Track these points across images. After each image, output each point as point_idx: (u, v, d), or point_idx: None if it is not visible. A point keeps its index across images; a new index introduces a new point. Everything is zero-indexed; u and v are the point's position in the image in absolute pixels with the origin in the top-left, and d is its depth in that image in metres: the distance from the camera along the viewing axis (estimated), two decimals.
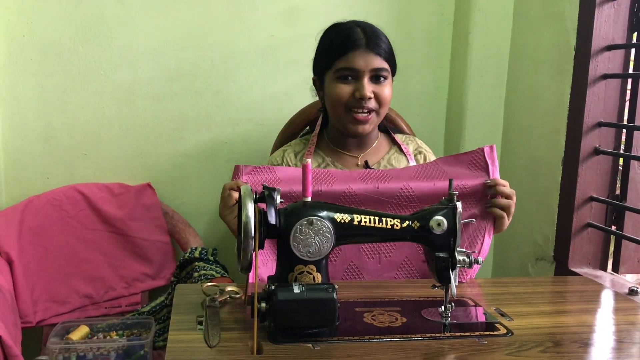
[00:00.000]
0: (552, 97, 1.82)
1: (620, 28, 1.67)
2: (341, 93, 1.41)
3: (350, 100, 1.41)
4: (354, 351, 0.98)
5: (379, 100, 1.42)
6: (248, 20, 2.02)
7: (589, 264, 1.75)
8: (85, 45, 1.93)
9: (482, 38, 2.06)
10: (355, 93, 1.40)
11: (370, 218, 1.10)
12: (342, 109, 1.42)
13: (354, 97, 1.40)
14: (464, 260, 1.11)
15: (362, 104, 1.40)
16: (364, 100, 1.39)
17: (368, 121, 1.42)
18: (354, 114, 1.41)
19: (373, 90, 1.40)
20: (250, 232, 0.98)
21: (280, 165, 1.51)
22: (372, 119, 1.43)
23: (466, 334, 1.06)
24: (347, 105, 1.41)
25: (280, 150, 1.56)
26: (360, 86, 1.40)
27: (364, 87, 1.39)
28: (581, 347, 1.03)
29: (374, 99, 1.41)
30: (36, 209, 1.88)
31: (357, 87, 1.40)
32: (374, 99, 1.41)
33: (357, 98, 1.40)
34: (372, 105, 1.41)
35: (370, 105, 1.41)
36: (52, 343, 1.58)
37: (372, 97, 1.40)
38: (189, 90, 2.02)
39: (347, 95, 1.41)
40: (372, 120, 1.43)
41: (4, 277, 1.69)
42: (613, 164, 1.72)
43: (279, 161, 1.52)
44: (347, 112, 1.42)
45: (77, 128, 1.97)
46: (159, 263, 1.98)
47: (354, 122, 1.42)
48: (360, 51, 1.40)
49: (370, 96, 1.40)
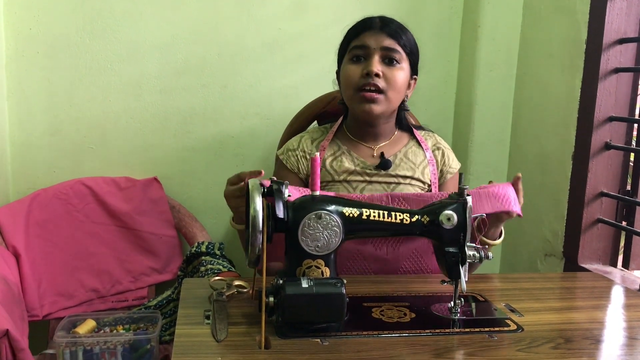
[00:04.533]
0: (562, 91, 1.81)
1: (633, 21, 1.65)
2: (351, 73, 1.40)
3: (360, 80, 1.39)
4: (362, 346, 0.97)
5: (388, 81, 1.39)
6: (256, 14, 2.01)
7: (599, 260, 1.74)
8: (93, 38, 1.93)
9: (492, 32, 2.04)
10: (363, 70, 1.39)
11: (380, 212, 1.09)
12: (352, 90, 1.41)
13: (362, 76, 1.39)
14: (474, 255, 1.10)
15: (369, 80, 1.38)
16: (370, 77, 1.37)
17: (376, 100, 1.40)
18: (362, 92, 1.39)
19: (383, 71, 1.39)
20: (258, 225, 0.97)
21: (295, 149, 1.50)
22: (381, 100, 1.40)
23: (476, 330, 1.05)
24: (356, 86, 1.40)
25: (298, 137, 1.55)
26: (368, 63, 1.39)
27: (372, 63, 1.38)
28: (593, 344, 1.02)
29: (383, 79, 1.39)
30: (43, 202, 1.88)
31: (365, 64, 1.40)
32: (383, 79, 1.39)
33: (364, 74, 1.38)
34: (381, 84, 1.39)
35: (378, 83, 1.38)
36: (59, 337, 1.58)
37: (381, 75, 1.38)
38: (196, 84, 2.01)
39: (357, 75, 1.39)
40: (381, 101, 1.40)
41: (11, 270, 1.69)
42: (624, 159, 1.71)
43: (295, 146, 1.51)
44: (357, 92, 1.41)
45: (84, 122, 1.97)
46: (165, 257, 1.97)
47: (362, 100, 1.40)
48: (373, 31, 1.41)
49: (378, 73, 1.38)
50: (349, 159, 1.47)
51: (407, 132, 1.56)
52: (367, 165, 1.46)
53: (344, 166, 1.46)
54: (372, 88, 1.38)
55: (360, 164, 1.46)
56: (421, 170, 1.49)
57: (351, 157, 1.47)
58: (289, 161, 1.49)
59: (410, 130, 1.56)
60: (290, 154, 1.50)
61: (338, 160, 1.47)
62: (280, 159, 1.52)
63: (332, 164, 1.46)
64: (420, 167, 1.49)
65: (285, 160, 1.50)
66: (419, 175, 1.48)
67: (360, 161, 1.46)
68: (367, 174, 1.46)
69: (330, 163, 1.46)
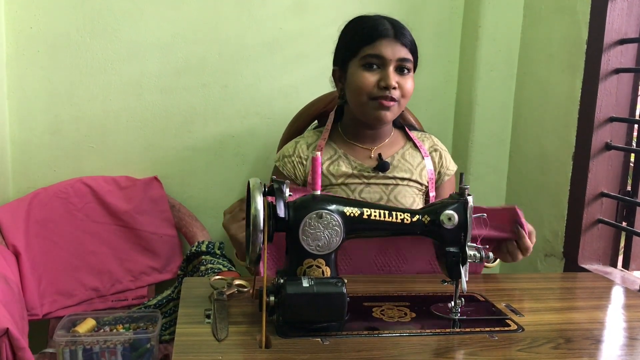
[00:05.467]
0: (562, 91, 1.81)
1: (633, 22, 1.65)
2: (366, 82, 1.39)
3: (374, 90, 1.39)
4: (362, 346, 0.97)
5: (402, 91, 1.40)
6: (256, 14, 2.01)
7: (599, 261, 1.74)
8: (93, 37, 1.93)
9: (492, 32, 2.04)
10: (380, 82, 1.38)
11: (380, 212, 1.09)
12: (366, 97, 1.40)
13: (378, 87, 1.38)
14: (475, 255, 1.10)
15: (387, 93, 1.38)
16: (388, 90, 1.37)
17: (390, 108, 1.40)
18: (380, 100, 1.38)
19: (397, 81, 1.39)
20: (259, 225, 0.97)
21: (291, 155, 1.50)
22: (394, 108, 1.41)
23: (476, 330, 1.05)
24: (370, 94, 1.39)
25: (293, 142, 1.54)
26: (386, 75, 1.38)
27: (389, 76, 1.37)
28: (593, 344, 1.02)
29: (399, 89, 1.39)
30: (43, 201, 1.88)
31: (382, 76, 1.38)
32: (398, 89, 1.39)
33: (382, 87, 1.38)
34: (396, 95, 1.39)
35: (394, 95, 1.39)
36: (59, 336, 1.58)
37: (397, 87, 1.39)
38: (196, 84, 2.01)
39: (371, 84, 1.38)
40: (394, 109, 1.41)
41: (11, 269, 1.69)
42: (624, 159, 1.71)
43: (290, 152, 1.51)
44: (371, 100, 1.40)
45: (84, 121, 1.97)
46: (165, 256, 1.97)
47: (378, 108, 1.39)
48: (388, 40, 1.39)
49: (395, 86, 1.38)
50: (346, 162, 1.47)
51: (400, 129, 1.56)
52: (364, 167, 1.46)
53: (341, 170, 1.45)
54: (387, 99, 1.39)
55: (357, 166, 1.46)
56: (419, 172, 1.49)
57: (348, 160, 1.47)
58: (285, 168, 1.49)
59: (403, 128, 1.56)
60: (287, 161, 1.50)
61: (335, 164, 1.46)
62: (276, 165, 1.52)
63: (329, 168, 1.46)
64: (418, 169, 1.49)
65: (281, 167, 1.50)
66: (417, 177, 1.48)
67: (357, 164, 1.46)
68: (365, 176, 1.45)
69: (327, 167, 1.46)
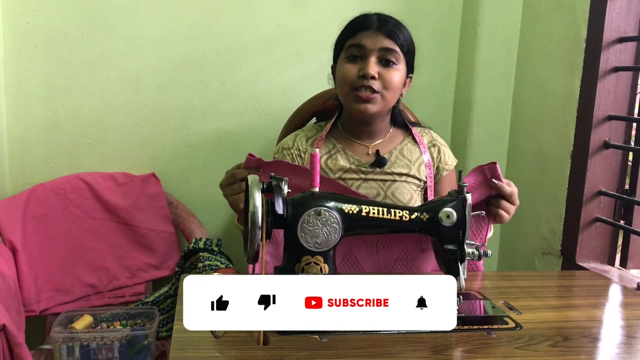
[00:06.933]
0: (561, 90, 1.81)
1: (633, 20, 1.65)
2: (347, 72, 1.39)
3: (355, 80, 1.38)
4: (361, 343, 0.97)
5: (384, 82, 1.38)
6: (255, 10, 2.00)
7: (597, 259, 1.74)
8: (91, 33, 1.92)
9: (491, 30, 2.04)
10: (359, 71, 1.38)
11: (379, 209, 1.09)
12: (348, 88, 1.39)
13: (358, 76, 1.38)
14: (473, 252, 1.10)
15: (365, 82, 1.37)
16: (366, 79, 1.36)
17: (371, 100, 1.39)
18: (357, 92, 1.38)
19: (379, 72, 1.38)
20: (257, 222, 0.97)
21: (290, 148, 1.50)
22: (377, 100, 1.39)
23: (475, 328, 1.05)
24: (352, 85, 1.39)
25: (293, 135, 1.54)
26: (365, 64, 1.37)
27: (368, 65, 1.37)
28: (591, 342, 1.02)
29: (380, 80, 1.39)
30: (40, 197, 1.87)
31: (362, 65, 1.38)
32: (380, 81, 1.38)
33: (360, 76, 1.37)
34: (376, 86, 1.38)
35: (374, 85, 1.37)
36: (56, 332, 1.58)
37: (377, 77, 1.37)
38: (194, 80, 2.01)
39: (352, 74, 1.38)
40: (377, 101, 1.39)
41: (8, 265, 1.68)
42: (623, 158, 1.71)
43: (290, 145, 1.51)
44: (352, 92, 1.40)
45: (81, 116, 1.96)
46: (163, 253, 1.97)
47: (357, 100, 1.39)
48: (370, 31, 1.39)
49: (374, 75, 1.36)
50: (344, 157, 1.46)
51: (403, 128, 1.56)
52: (362, 163, 1.46)
53: (339, 164, 1.45)
54: (367, 90, 1.38)
55: (355, 162, 1.46)
56: (417, 168, 1.48)
57: (346, 155, 1.47)
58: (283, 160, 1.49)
59: (406, 127, 1.56)
60: (285, 153, 1.50)
61: (333, 158, 1.46)
62: (275, 157, 1.51)
63: (327, 162, 1.46)
64: (416, 164, 1.49)
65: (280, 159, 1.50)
66: (415, 173, 1.48)
67: (355, 159, 1.46)
68: (362, 171, 1.45)
69: (325, 161, 1.46)
